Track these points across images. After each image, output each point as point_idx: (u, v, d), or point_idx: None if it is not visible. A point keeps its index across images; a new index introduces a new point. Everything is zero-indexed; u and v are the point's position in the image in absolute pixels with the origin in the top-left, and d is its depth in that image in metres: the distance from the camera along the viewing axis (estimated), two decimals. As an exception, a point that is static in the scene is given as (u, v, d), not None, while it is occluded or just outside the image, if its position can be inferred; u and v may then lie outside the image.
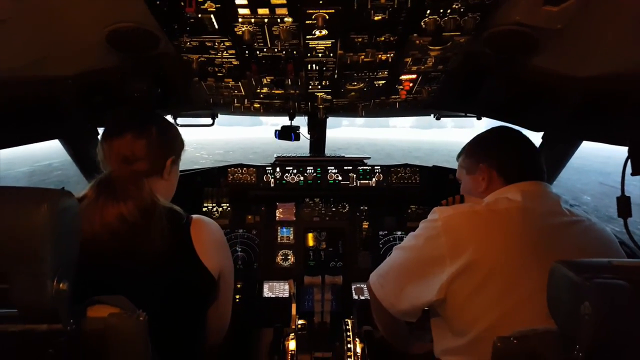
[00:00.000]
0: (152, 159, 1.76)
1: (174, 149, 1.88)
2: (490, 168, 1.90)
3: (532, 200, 1.71)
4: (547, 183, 1.86)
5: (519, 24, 1.59)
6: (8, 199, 1.04)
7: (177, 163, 1.93)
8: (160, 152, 1.79)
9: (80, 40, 1.67)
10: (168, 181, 1.86)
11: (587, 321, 0.92)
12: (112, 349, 1.15)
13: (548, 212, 1.69)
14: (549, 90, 2.03)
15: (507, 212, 1.66)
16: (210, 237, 1.74)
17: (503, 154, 1.91)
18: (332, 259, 3.41)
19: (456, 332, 1.68)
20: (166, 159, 1.81)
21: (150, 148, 1.74)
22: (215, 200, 3.46)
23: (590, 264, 1.02)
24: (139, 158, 1.72)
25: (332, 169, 3.49)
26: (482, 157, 1.94)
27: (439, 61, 2.04)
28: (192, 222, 1.71)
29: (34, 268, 1.01)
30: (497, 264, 1.55)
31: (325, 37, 1.72)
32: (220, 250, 1.81)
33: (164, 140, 1.81)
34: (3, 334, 1.08)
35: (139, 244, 1.54)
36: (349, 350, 2.53)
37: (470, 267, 1.58)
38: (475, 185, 1.96)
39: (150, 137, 1.74)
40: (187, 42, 1.78)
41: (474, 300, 1.57)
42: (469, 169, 2.02)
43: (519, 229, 1.61)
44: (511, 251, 1.57)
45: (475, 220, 1.67)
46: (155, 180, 1.78)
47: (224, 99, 2.62)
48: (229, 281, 1.90)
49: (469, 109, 2.93)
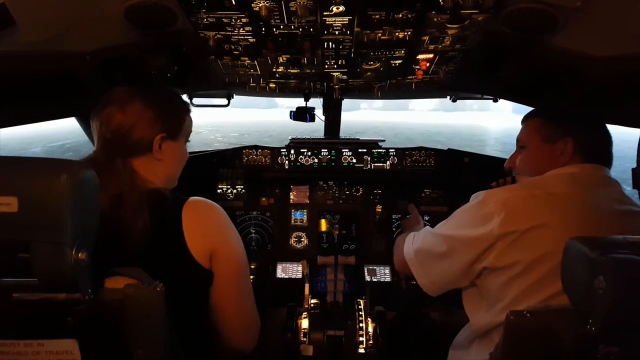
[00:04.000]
0: (135, 137, 1.60)
1: (166, 125, 1.67)
2: (576, 144, 1.79)
3: (596, 186, 1.67)
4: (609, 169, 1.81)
5: (538, 1, 1.55)
6: (29, 170, 1.07)
7: (177, 142, 1.75)
8: (145, 129, 1.62)
9: (98, 16, 1.68)
10: (163, 162, 1.68)
11: (601, 296, 0.92)
12: (129, 318, 1.17)
13: (610, 199, 1.64)
14: (569, 71, 1.99)
15: (568, 198, 1.62)
16: (201, 220, 1.57)
17: (592, 133, 1.83)
18: (345, 241, 3.42)
19: (493, 310, 1.67)
20: (152, 137, 1.63)
21: (133, 124, 1.59)
22: (229, 182, 3.48)
23: (605, 240, 1.01)
24: (118, 136, 1.58)
25: (347, 152, 3.48)
26: (571, 130, 1.82)
27: (457, 40, 2.01)
28: (185, 205, 1.56)
29: (54, 237, 1.04)
30: (552, 248, 1.51)
31: (342, 13, 1.71)
32: (212, 231, 1.60)
33: (151, 115, 1.63)
34: (23, 302, 1.11)
35: (119, 234, 1.42)
36: (361, 329, 2.55)
37: (522, 247, 1.56)
38: (549, 156, 1.84)
39: (133, 112, 1.60)
40: (204, 18, 1.78)
41: (519, 279, 1.56)
42: (548, 137, 1.86)
43: (579, 216, 1.57)
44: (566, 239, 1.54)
45: (534, 205, 1.61)
46: (145, 161, 1.63)
47: (239, 78, 2.63)
48: (233, 267, 1.63)
49: (486, 90, 2.89)
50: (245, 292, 1.70)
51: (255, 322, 1.77)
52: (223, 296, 1.62)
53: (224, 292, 1.62)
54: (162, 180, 1.69)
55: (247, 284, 1.71)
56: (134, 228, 1.44)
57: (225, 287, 1.62)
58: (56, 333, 1.14)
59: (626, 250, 0.94)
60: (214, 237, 1.58)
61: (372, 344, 2.48)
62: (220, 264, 1.58)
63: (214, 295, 1.61)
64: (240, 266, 1.66)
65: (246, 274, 1.71)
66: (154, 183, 1.64)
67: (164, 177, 1.71)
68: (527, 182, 1.79)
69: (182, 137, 1.76)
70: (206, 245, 1.55)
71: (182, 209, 1.54)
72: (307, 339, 2.52)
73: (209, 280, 1.58)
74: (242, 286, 1.68)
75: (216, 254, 1.57)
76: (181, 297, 1.36)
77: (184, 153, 1.81)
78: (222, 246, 1.59)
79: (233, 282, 1.64)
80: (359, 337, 2.52)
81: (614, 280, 0.90)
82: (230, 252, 1.62)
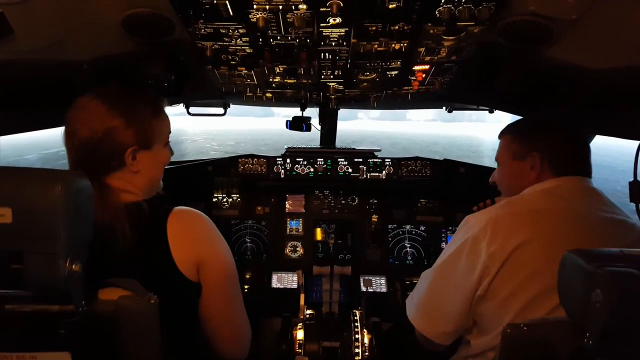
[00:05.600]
0: (102, 153, 1.51)
1: (135, 136, 1.56)
2: (543, 158, 1.79)
3: (577, 197, 1.66)
4: (589, 178, 1.79)
5: (533, 14, 1.57)
6: (23, 180, 1.06)
7: (152, 150, 1.63)
8: (112, 143, 1.51)
9: (96, 24, 1.68)
10: (140, 173, 1.60)
11: (598, 309, 0.91)
12: (123, 330, 1.17)
13: (593, 210, 1.63)
14: (564, 83, 2.01)
15: (550, 213, 1.60)
16: (186, 230, 1.53)
17: (560, 145, 1.81)
18: (341, 251, 3.42)
19: (489, 335, 1.65)
20: (122, 150, 1.53)
21: (99, 140, 1.50)
22: (225, 190, 3.47)
23: (601, 253, 1.02)
24: (85, 154, 1.50)
25: (343, 161, 3.48)
26: (537, 144, 1.82)
27: (453, 52, 2.02)
28: (170, 215, 1.51)
29: (48, 247, 1.03)
30: (540, 266, 1.50)
31: (339, 25, 1.71)
32: (198, 242, 1.55)
33: (116, 127, 1.52)
34: (15, 314, 1.10)
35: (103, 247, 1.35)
36: (357, 340, 2.54)
37: (511, 269, 1.53)
38: (520, 173, 1.85)
39: (97, 126, 1.50)
40: (201, 28, 1.78)
41: (512, 301, 1.54)
42: (518, 153, 1.86)
43: (564, 231, 1.56)
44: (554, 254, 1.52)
45: (517, 223, 1.59)
46: (120, 175, 1.56)
47: (236, 87, 2.63)
48: (221, 277, 1.60)
49: (481, 101, 2.91)
50: (235, 301, 1.67)
51: (247, 330, 1.72)
52: (212, 306, 1.60)
53: (213, 301, 1.60)
54: (143, 189, 1.63)
55: (236, 292, 1.68)
56: (115, 241, 1.42)
57: (214, 297, 1.60)
58: (49, 345, 1.12)
59: (623, 263, 0.94)
60: (200, 248, 1.55)
61: (368, 356, 2.47)
62: (208, 274, 1.56)
63: (203, 305, 1.59)
64: (229, 275, 1.63)
65: (235, 283, 1.67)
66: (135, 194, 1.59)
67: (145, 185, 1.65)
68: (506, 202, 1.75)
69: (157, 142, 1.66)
70: (193, 256, 1.52)
71: (167, 220, 1.51)
72: (302, 350, 2.51)
73: (197, 292, 1.56)
74: (231, 295, 1.65)
75: (203, 264, 1.55)
76: (170, 309, 1.31)
77: (164, 157, 1.71)
78: (210, 255, 1.57)
79: (222, 292, 1.62)
80: (355, 348, 2.51)
81: (611, 293, 0.89)
82: (218, 260, 1.59)
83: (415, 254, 3.41)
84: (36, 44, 1.61)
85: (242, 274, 3.27)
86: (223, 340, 1.64)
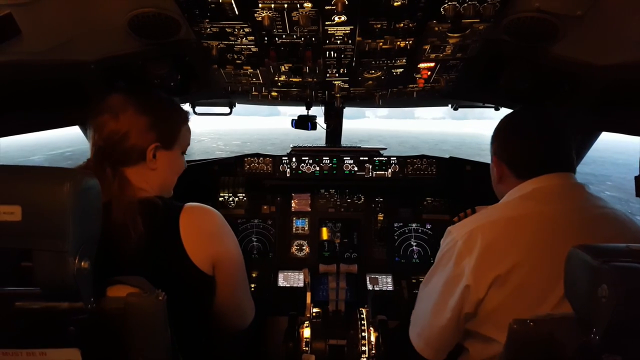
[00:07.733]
0: (128, 145, 1.60)
1: (160, 134, 1.68)
2: (501, 161, 1.79)
3: (551, 199, 1.62)
4: (570, 173, 1.72)
5: (539, 10, 1.57)
6: (32, 178, 1.08)
7: (172, 151, 1.74)
8: (138, 137, 1.62)
9: (103, 25, 1.70)
10: (157, 171, 1.69)
11: (604, 304, 0.91)
12: (131, 327, 1.18)
13: (572, 209, 1.59)
14: (569, 80, 2.00)
15: (526, 219, 1.58)
16: (199, 227, 1.60)
17: (511, 146, 1.78)
18: (347, 250, 3.41)
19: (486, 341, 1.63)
20: (146, 145, 1.64)
21: (126, 132, 1.59)
22: (231, 190, 3.48)
23: (607, 248, 1.01)
24: (111, 144, 1.59)
25: (348, 160, 3.48)
26: (495, 148, 1.84)
27: (458, 49, 2.02)
28: (182, 211, 1.58)
29: (57, 245, 1.04)
30: (524, 275, 1.49)
31: (344, 23, 1.72)
32: (213, 239, 1.64)
33: (144, 123, 1.64)
34: (25, 311, 1.11)
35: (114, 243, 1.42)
36: (363, 338, 2.53)
37: (498, 282, 1.51)
38: (495, 178, 1.87)
39: (126, 120, 1.60)
40: (207, 28, 1.79)
41: (504, 311, 1.51)
42: (492, 157, 1.89)
43: (543, 236, 1.53)
44: (537, 260, 1.49)
45: (494, 232, 1.58)
46: (138, 169, 1.64)
47: (242, 87, 2.64)
48: (233, 272, 1.72)
49: (487, 98, 2.90)
50: (243, 285, 1.84)
51: (251, 307, 1.90)
52: (223, 294, 1.71)
53: (224, 291, 1.71)
54: (156, 189, 1.69)
55: (244, 277, 1.83)
56: (127, 236, 1.46)
57: (225, 288, 1.71)
58: (58, 342, 1.14)
59: (629, 258, 0.94)
60: (214, 246, 1.62)
61: (375, 354, 2.47)
62: (223, 270, 1.66)
63: (215, 294, 1.69)
64: (240, 270, 1.77)
65: (244, 274, 1.81)
66: (148, 192, 1.64)
67: (158, 186, 1.71)
68: (486, 212, 1.73)
69: (178, 147, 1.77)
70: (208, 253, 1.59)
71: (179, 216, 1.56)
72: (308, 349, 2.51)
73: (211, 284, 1.64)
74: (240, 282, 1.79)
75: (218, 263, 1.63)
76: (181, 303, 1.36)
77: (179, 164, 1.82)
78: (223, 254, 1.65)
79: (233, 281, 1.74)
80: (362, 346, 2.50)
81: (617, 288, 0.89)
82: (231, 258, 1.70)
83: (421, 252, 3.40)
84: (43, 44, 1.62)
85: (249, 273, 3.27)
86: (230, 316, 1.80)
